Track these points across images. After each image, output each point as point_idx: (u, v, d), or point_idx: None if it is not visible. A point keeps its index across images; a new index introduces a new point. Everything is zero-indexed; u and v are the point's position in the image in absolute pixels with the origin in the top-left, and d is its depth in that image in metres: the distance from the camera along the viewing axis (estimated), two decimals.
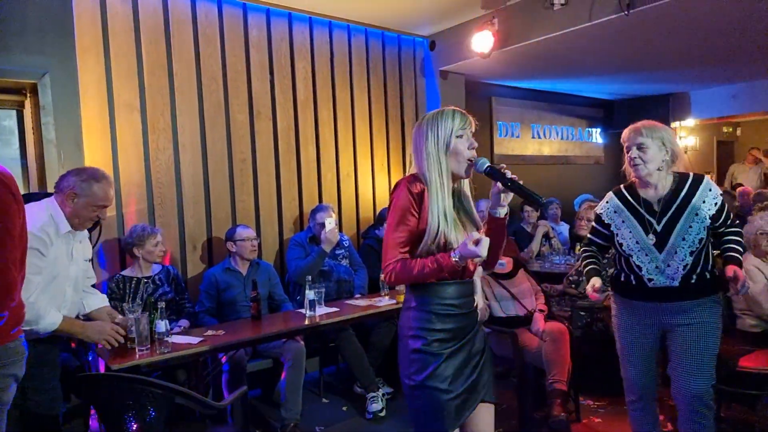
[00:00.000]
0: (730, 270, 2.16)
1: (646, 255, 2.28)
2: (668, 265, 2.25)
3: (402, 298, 3.29)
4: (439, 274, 1.66)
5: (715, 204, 2.26)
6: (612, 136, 7.24)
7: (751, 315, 3.04)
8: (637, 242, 2.30)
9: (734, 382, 2.77)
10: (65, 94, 3.17)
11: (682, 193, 2.27)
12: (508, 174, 1.72)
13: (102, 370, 2.91)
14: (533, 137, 6.16)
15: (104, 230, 3.25)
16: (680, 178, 2.31)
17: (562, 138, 6.51)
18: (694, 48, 4.49)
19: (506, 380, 3.66)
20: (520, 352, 3.02)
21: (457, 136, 1.75)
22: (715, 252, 2.34)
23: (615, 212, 2.39)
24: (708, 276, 2.27)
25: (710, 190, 2.27)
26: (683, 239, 2.24)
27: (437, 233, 1.69)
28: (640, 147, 2.26)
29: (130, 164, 3.49)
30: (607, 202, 2.44)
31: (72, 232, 2.26)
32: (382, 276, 1.76)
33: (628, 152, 2.31)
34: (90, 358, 3.09)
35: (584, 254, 2.53)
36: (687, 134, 8.06)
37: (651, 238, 2.27)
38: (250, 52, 3.98)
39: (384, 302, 3.41)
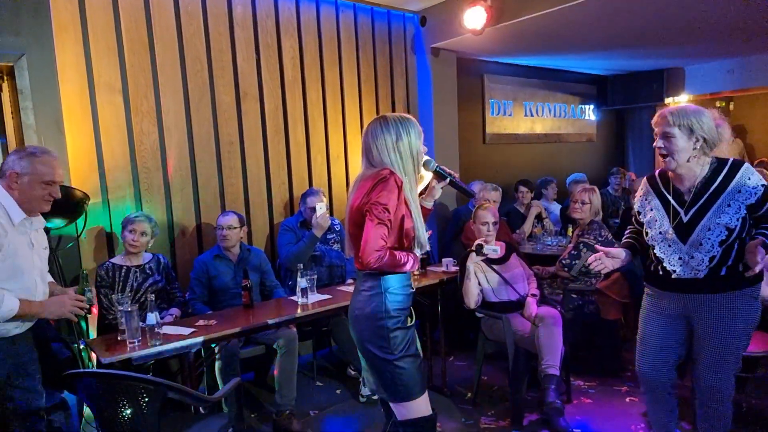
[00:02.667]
0: (753, 245, 2.00)
1: (669, 246, 2.19)
2: (692, 257, 2.15)
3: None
4: (413, 267, 1.97)
5: (755, 193, 2.08)
6: (605, 113, 7.18)
7: None
8: (660, 233, 2.22)
9: None
10: (43, 77, 3.06)
11: (716, 182, 2.13)
12: (454, 174, 2.14)
13: (93, 360, 2.88)
14: (526, 115, 6.07)
15: (89, 217, 3.21)
16: (717, 166, 2.14)
17: (554, 115, 6.44)
18: (692, 21, 4.40)
19: (499, 362, 3.69)
20: (512, 336, 3.02)
21: (421, 140, 2.03)
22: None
23: (646, 199, 2.31)
24: (742, 268, 2.12)
25: (749, 178, 2.09)
26: (709, 230, 2.11)
27: (414, 226, 1.97)
28: (666, 136, 2.11)
29: (113, 148, 3.40)
30: (641, 189, 2.36)
31: (28, 219, 2.14)
32: (368, 257, 1.85)
33: (655, 140, 2.17)
34: (82, 345, 3.06)
35: (627, 230, 2.47)
36: None
37: (677, 231, 2.17)
38: (234, 30, 3.85)
39: None
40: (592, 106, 6.96)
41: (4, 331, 2.09)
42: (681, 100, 6.98)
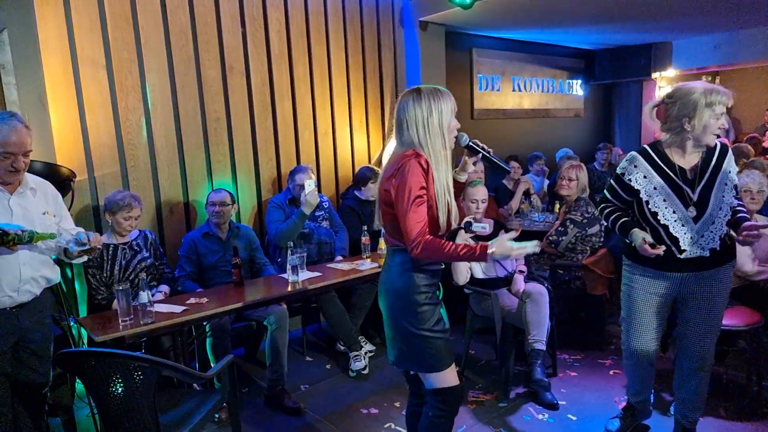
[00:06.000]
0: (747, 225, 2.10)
1: (683, 226, 2.20)
2: (702, 236, 2.20)
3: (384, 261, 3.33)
4: (470, 259, 1.91)
5: (736, 173, 2.28)
6: (592, 87, 7.18)
7: None
8: (674, 212, 2.20)
9: None
10: (25, 51, 2.97)
11: (713, 161, 2.21)
12: (487, 148, 2.08)
13: (83, 337, 2.89)
14: (514, 90, 6.06)
15: (76, 195, 3.17)
16: (709, 147, 2.22)
17: (542, 90, 6.43)
18: None
19: (486, 337, 3.77)
20: (500, 312, 3.07)
21: (454, 115, 1.94)
22: None
23: (645, 177, 2.24)
24: (729, 242, 2.26)
25: (732, 159, 2.25)
26: (720, 209, 2.19)
27: (446, 205, 1.90)
28: (725, 113, 2.14)
29: (98, 125, 3.34)
30: (635, 166, 2.26)
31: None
32: (411, 251, 1.81)
33: (719, 118, 2.12)
34: (72, 322, 3.06)
35: (608, 209, 2.39)
36: (666, 84, 8.05)
37: (691, 211, 2.19)
38: (219, 2, 3.76)
39: (366, 266, 3.41)
40: (579, 81, 6.96)
41: None
42: (668, 74, 7.01)
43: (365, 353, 3.58)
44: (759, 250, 3.04)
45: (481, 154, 2.06)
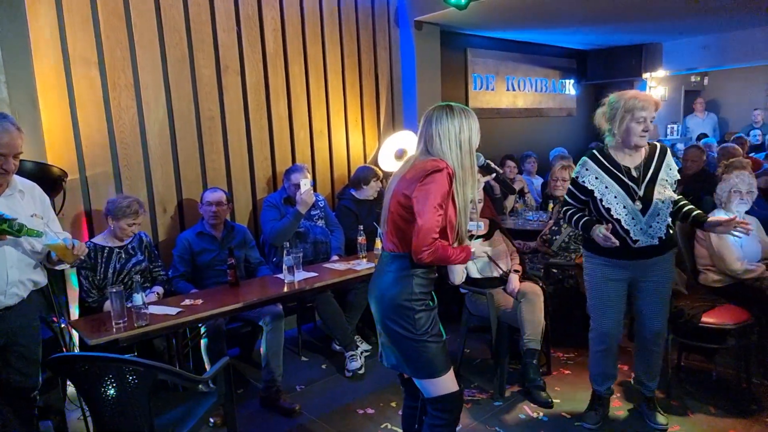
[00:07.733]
0: (716, 220, 2.44)
1: (633, 219, 2.44)
2: (650, 226, 2.44)
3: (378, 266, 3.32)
4: (465, 261, 1.99)
5: (676, 173, 2.53)
6: (585, 87, 7.23)
7: (714, 270, 3.17)
8: (624, 207, 2.44)
9: (695, 335, 2.93)
10: (16, 49, 2.93)
11: (655, 160, 2.48)
12: (499, 169, 2.22)
13: (75, 339, 2.86)
14: (508, 89, 6.09)
15: (68, 195, 3.13)
16: (650, 147, 2.52)
17: (536, 90, 6.46)
18: None
19: (482, 336, 3.78)
20: (496, 311, 3.08)
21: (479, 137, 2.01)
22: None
23: (596, 178, 2.50)
24: (671, 231, 2.55)
25: (671, 158, 2.53)
26: (662, 202, 2.43)
27: (458, 221, 1.94)
28: (651, 120, 2.39)
29: (91, 124, 3.30)
30: (586, 169, 2.53)
31: None
32: (421, 253, 1.85)
33: (640, 122, 2.37)
34: (63, 323, 3.03)
35: (570, 211, 2.63)
36: (657, 84, 8.11)
37: (638, 205, 2.43)
38: (214, 0, 3.73)
39: (362, 266, 3.40)
40: (572, 81, 7.00)
41: None
42: (658, 75, 7.06)
43: (361, 353, 3.57)
44: (747, 249, 3.08)
45: (494, 174, 2.19)
